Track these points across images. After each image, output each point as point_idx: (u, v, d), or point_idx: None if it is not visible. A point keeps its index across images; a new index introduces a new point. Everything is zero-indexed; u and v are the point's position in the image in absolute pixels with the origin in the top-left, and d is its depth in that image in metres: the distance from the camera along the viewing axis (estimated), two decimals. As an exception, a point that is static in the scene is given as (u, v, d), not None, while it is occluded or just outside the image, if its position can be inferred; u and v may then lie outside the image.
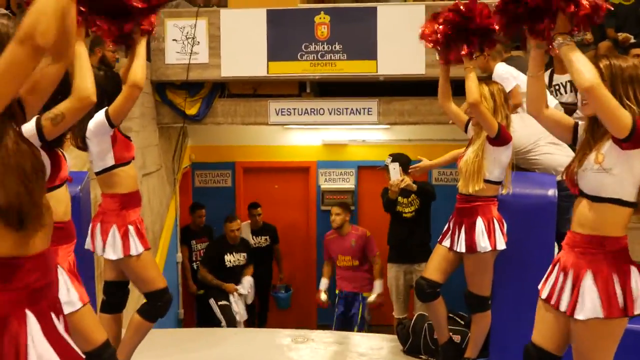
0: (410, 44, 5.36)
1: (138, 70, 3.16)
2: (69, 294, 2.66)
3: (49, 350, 1.81)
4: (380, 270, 6.12)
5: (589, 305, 2.40)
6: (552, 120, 2.64)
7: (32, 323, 1.79)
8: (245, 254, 7.12)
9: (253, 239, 7.56)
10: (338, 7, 6.28)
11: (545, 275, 2.64)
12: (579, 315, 2.42)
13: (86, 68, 2.39)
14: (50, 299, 1.89)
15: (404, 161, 5.30)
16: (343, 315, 6.25)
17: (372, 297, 6.04)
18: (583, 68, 2.32)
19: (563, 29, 2.42)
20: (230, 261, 7.00)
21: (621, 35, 6.41)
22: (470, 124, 3.68)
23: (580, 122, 2.58)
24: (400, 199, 5.47)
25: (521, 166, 4.07)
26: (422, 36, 3.53)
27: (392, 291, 5.67)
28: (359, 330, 6.06)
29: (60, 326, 1.88)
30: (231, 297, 6.88)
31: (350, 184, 8.30)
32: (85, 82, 2.35)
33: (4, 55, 1.61)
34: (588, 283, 2.42)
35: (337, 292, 6.32)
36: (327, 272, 6.39)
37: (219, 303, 6.88)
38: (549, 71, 5.22)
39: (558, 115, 2.69)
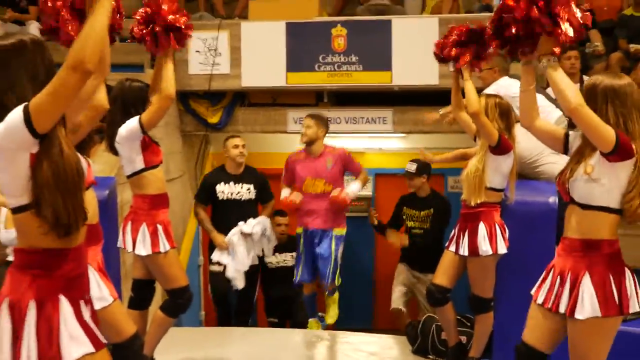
0: (423, 56, 5.53)
1: (170, 83, 3.47)
2: (101, 290, 2.90)
3: (80, 332, 2.04)
4: (365, 180, 5.26)
5: (588, 305, 2.58)
6: (544, 132, 2.82)
7: (65, 307, 2.02)
8: (251, 186, 5.63)
9: (276, 256, 6.13)
10: (354, 20, 6.51)
11: (540, 282, 2.82)
12: (579, 315, 2.59)
13: None
14: (81, 288, 2.12)
15: (428, 169, 5.49)
16: (312, 258, 5.01)
17: (338, 191, 4.93)
18: (567, 90, 2.52)
19: (546, 51, 2.60)
20: (223, 192, 5.61)
21: (632, 47, 6.54)
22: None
23: (571, 133, 2.76)
24: (410, 211, 5.57)
25: (527, 176, 4.24)
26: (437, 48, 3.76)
27: (396, 278, 5.69)
28: (332, 278, 4.92)
29: (87, 314, 2.11)
30: (225, 255, 5.33)
31: (367, 191, 8.44)
32: (100, 91, 2.57)
33: (57, 80, 1.86)
34: (587, 284, 2.59)
35: (298, 231, 5.13)
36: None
37: (211, 268, 5.63)
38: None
39: (549, 126, 2.88)
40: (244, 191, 5.65)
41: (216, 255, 5.39)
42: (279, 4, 6.62)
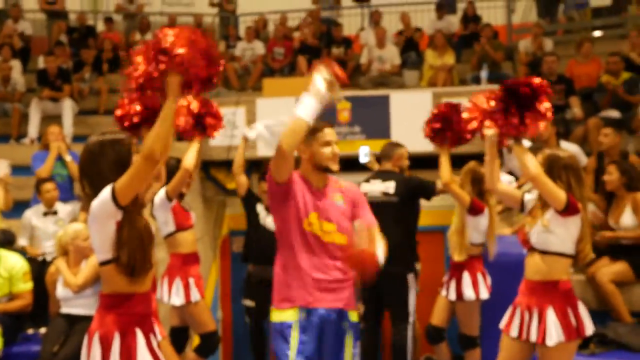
0: (418, 125, 6.24)
1: (189, 159, 4.12)
2: None
3: (150, 357, 2.69)
4: None
5: (554, 333, 3.21)
6: (505, 193, 3.53)
7: (140, 338, 2.68)
8: None
9: None
10: (357, 95, 7.30)
11: (508, 318, 3.44)
12: (549, 342, 3.22)
13: None
14: (149, 324, 2.79)
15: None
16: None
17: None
18: (529, 163, 3.23)
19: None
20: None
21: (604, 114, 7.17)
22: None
23: (526, 195, 3.45)
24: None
25: None
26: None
27: None
28: None
29: (155, 343, 2.77)
30: None
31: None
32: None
33: (134, 167, 2.54)
34: (551, 317, 3.24)
35: (296, 311, 3.03)
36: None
37: (244, 303, 5.60)
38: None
39: (509, 189, 3.58)
40: None
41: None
42: (290, 82, 7.44)
